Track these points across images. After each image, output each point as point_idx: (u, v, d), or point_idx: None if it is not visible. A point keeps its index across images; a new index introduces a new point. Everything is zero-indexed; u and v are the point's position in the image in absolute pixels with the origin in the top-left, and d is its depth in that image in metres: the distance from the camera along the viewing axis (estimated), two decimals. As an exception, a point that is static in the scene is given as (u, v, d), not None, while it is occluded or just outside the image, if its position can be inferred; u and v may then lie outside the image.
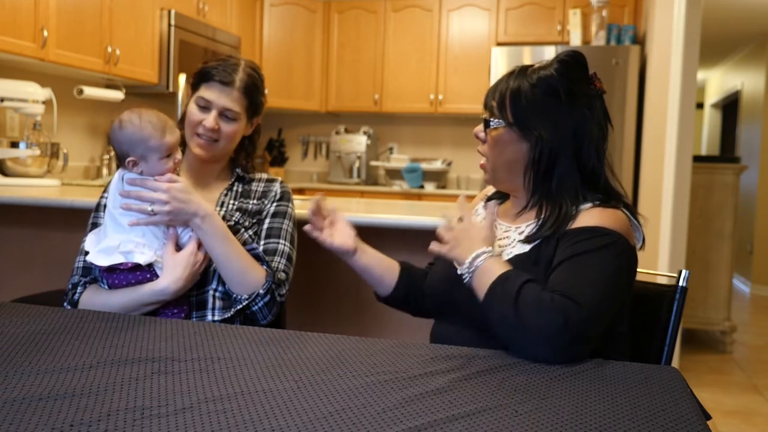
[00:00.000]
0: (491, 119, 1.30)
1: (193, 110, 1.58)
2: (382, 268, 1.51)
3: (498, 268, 1.17)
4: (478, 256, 1.20)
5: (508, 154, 1.29)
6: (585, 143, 1.26)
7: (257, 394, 0.89)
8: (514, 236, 1.30)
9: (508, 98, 1.28)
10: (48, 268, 2.43)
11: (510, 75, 1.31)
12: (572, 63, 1.29)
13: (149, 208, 1.44)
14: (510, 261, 1.25)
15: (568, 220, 1.23)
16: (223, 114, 1.57)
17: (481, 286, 1.17)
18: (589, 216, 1.22)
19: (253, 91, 1.61)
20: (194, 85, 1.61)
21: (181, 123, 1.64)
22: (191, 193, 1.47)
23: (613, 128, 1.33)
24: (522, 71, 1.30)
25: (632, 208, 1.29)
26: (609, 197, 1.27)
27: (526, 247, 1.25)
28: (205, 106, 1.57)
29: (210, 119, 1.55)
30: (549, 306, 1.08)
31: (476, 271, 1.19)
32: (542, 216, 1.26)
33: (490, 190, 1.48)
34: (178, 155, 1.50)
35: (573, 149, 1.26)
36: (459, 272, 1.21)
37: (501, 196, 1.44)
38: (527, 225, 1.29)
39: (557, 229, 1.22)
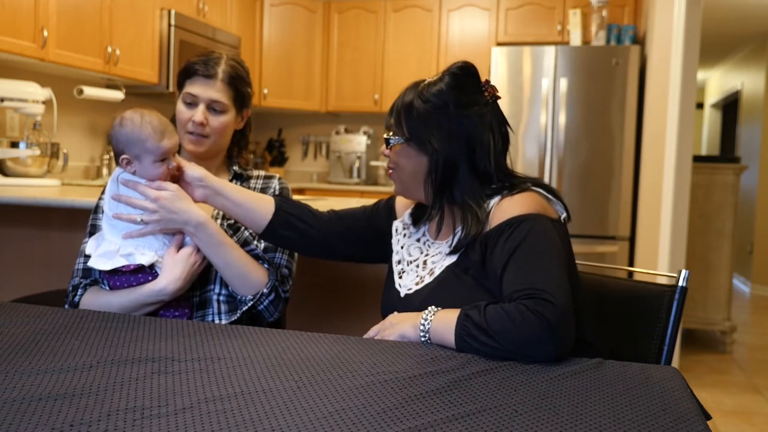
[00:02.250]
0: (391, 137, 1.36)
1: (181, 108, 1.58)
2: (244, 209, 1.46)
3: (450, 316, 1.16)
4: (427, 315, 1.20)
5: (410, 167, 1.35)
6: (477, 150, 1.30)
7: (257, 394, 0.89)
8: (443, 249, 1.34)
9: (403, 114, 1.33)
10: (48, 268, 2.43)
11: (404, 92, 1.36)
12: (462, 75, 1.33)
13: (138, 218, 1.44)
14: (442, 273, 1.30)
15: (483, 220, 1.27)
16: (211, 107, 1.57)
17: (444, 338, 1.16)
18: (501, 210, 1.26)
19: (238, 81, 1.60)
20: (179, 84, 1.61)
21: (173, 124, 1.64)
22: (182, 202, 1.45)
23: (512, 130, 1.39)
24: (414, 87, 1.35)
25: (544, 184, 1.33)
26: (513, 184, 1.31)
27: (454, 257, 1.30)
28: (191, 102, 1.56)
29: (198, 114, 1.55)
30: (521, 317, 1.09)
31: (432, 328, 1.18)
32: (460, 225, 1.30)
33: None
34: (174, 161, 1.48)
35: (468, 156, 1.30)
36: (421, 338, 1.19)
37: (425, 212, 1.45)
38: (453, 237, 1.33)
39: (477, 233, 1.26)
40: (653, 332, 1.39)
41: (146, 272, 1.45)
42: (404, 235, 1.46)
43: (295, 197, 1.90)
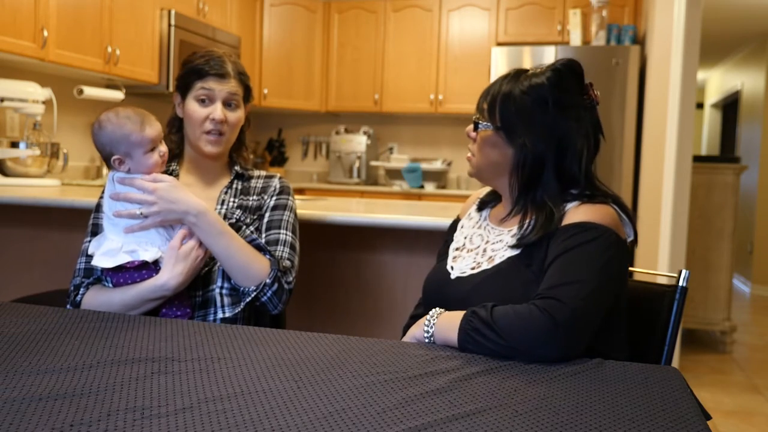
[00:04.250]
0: (480, 121, 1.33)
1: (195, 107, 1.57)
2: None
3: (456, 314, 1.17)
4: (434, 312, 1.20)
5: (493, 156, 1.32)
6: (568, 154, 1.28)
7: (257, 394, 0.89)
8: (506, 239, 1.31)
9: (498, 102, 1.30)
10: (48, 268, 2.43)
11: (504, 78, 1.32)
12: (566, 72, 1.30)
13: (138, 212, 1.44)
14: (503, 263, 1.27)
15: (555, 223, 1.24)
16: (227, 103, 1.58)
17: (448, 335, 1.16)
18: (576, 213, 1.24)
19: (245, 77, 1.64)
20: (185, 85, 1.60)
21: (171, 128, 1.64)
22: (179, 191, 1.46)
23: (605, 139, 1.35)
24: (516, 76, 1.31)
25: (622, 204, 1.30)
26: (595, 193, 1.28)
27: (518, 250, 1.27)
28: (207, 99, 1.57)
29: (218, 110, 1.56)
30: (528, 314, 1.09)
31: (436, 325, 1.18)
32: (529, 221, 1.28)
33: (483, 191, 1.49)
34: (163, 148, 1.49)
35: (556, 158, 1.28)
36: (424, 337, 1.19)
37: (493, 199, 1.45)
38: (518, 227, 1.30)
39: (545, 232, 1.24)
40: (653, 332, 1.39)
41: (150, 268, 1.45)
42: (470, 226, 1.44)
43: (296, 197, 1.90)
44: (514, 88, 1.29)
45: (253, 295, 1.49)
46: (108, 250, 1.45)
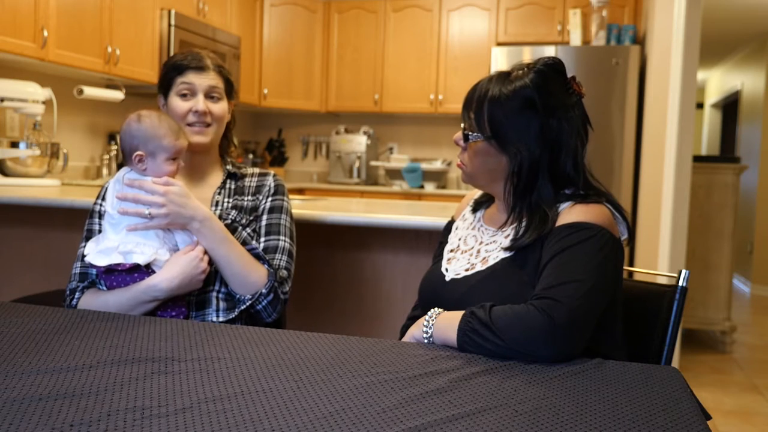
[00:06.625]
0: (470, 133, 1.31)
1: (178, 102, 1.58)
2: None
3: (455, 314, 1.17)
4: (432, 313, 1.21)
5: (487, 164, 1.31)
6: (562, 154, 1.27)
7: (257, 394, 0.89)
8: (500, 240, 1.31)
9: (486, 111, 1.28)
10: (48, 268, 2.43)
11: (488, 82, 1.30)
12: (549, 72, 1.28)
13: (146, 212, 1.44)
14: (496, 264, 1.27)
15: (549, 225, 1.24)
16: (209, 95, 1.60)
17: (447, 335, 1.16)
18: (570, 213, 1.24)
19: (225, 71, 1.65)
20: (167, 84, 1.61)
21: None
22: (188, 197, 1.47)
23: (593, 129, 1.34)
24: (499, 80, 1.29)
25: (615, 202, 1.30)
26: (588, 193, 1.28)
27: (511, 252, 1.27)
28: (188, 93, 1.58)
29: (200, 102, 1.57)
30: (526, 314, 1.10)
31: (435, 325, 1.18)
32: (523, 223, 1.27)
33: (477, 192, 1.49)
34: (182, 163, 1.53)
35: (550, 161, 1.27)
36: (423, 337, 1.20)
37: (487, 200, 1.45)
38: (512, 228, 1.30)
39: (539, 235, 1.24)
40: (653, 332, 1.39)
41: (143, 272, 1.45)
42: (464, 227, 1.44)
43: (296, 197, 1.90)
44: (500, 93, 1.26)
45: (248, 303, 1.50)
46: (104, 249, 1.45)
